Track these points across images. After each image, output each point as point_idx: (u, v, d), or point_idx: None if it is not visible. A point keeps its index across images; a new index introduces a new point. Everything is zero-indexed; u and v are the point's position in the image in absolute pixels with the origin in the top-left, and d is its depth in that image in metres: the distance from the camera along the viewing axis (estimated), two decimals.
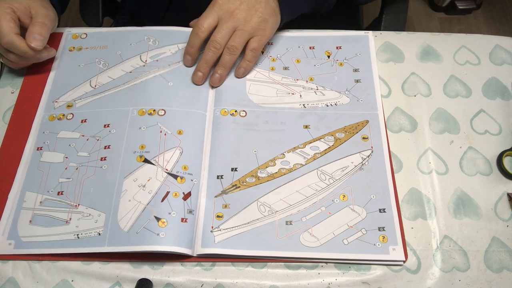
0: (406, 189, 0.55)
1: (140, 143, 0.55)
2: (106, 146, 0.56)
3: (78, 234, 0.50)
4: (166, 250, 0.49)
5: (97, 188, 0.53)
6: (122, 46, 0.64)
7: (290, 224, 0.52)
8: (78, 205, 0.52)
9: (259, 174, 0.55)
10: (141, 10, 0.86)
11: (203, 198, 0.53)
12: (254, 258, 0.50)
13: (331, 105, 0.60)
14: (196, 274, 0.50)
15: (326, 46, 0.65)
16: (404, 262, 0.50)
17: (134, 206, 0.51)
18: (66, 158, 0.55)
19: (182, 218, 0.51)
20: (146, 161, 0.54)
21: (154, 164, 0.54)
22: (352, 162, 0.56)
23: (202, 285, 0.50)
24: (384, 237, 0.51)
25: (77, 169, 0.55)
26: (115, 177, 0.53)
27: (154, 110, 0.58)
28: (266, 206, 0.53)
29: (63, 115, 0.59)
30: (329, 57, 0.64)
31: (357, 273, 0.50)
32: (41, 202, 0.53)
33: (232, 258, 0.51)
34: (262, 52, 0.64)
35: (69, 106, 0.60)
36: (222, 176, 0.55)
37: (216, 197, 0.53)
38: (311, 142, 0.57)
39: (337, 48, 0.65)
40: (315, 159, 0.56)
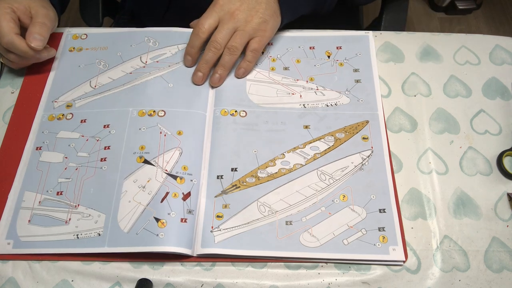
0: (406, 189, 0.55)
1: (140, 144, 0.55)
2: (106, 147, 0.56)
3: (77, 235, 0.50)
4: (166, 251, 0.49)
5: (97, 188, 0.53)
6: (122, 47, 0.64)
7: (290, 224, 0.52)
8: (78, 205, 0.52)
9: (259, 174, 0.55)
10: (141, 10, 0.86)
11: (203, 198, 0.53)
12: (254, 258, 0.50)
13: (331, 105, 0.60)
14: (196, 274, 0.50)
15: (326, 46, 0.65)
16: (404, 262, 0.50)
17: (134, 207, 0.51)
18: (66, 158, 0.55)
19: (182, 218, 0.51)
20: (146, 161, 0.54)
21: (153, 165, 0.54)
22: (352, 162, 0.56)
23: (202, 285, 0.50)
24: (384, 237, 0.51)
25: (76, 169, 0.55)
26: (115, 177, 0.53)
27: (154, 111, 0.58)
28: (266, 206, 0.53)
29: (63, 115, 0.59)
30: (329, 57, 0.64)
31: (357, 273, 0.50)
32: (40, 202, 0.53)
33: (232, 258, 0.51)
34: (262, 52, 0.64)
35: (68, 106, 0.60)
36: (222, 176, 0.54)
37: (216, 197, 0.53)
38: (311, 142, 0.57)
39: (337, 48, 0.65)
40: (315, 159, 0.56)
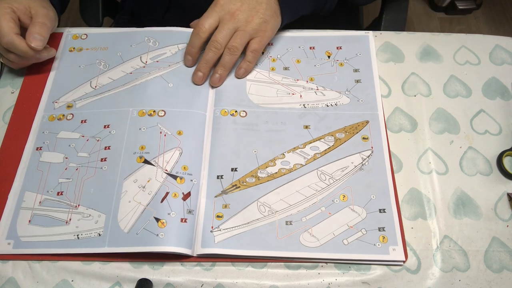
0: (406, 189, 0.55)
1: (140, 144, 0.55)
2: (106, 147, 0.56)
3: (78, 235, 0.50)
4: (165, 251, 0.49)
5: (97, 189, 0.53)
6: (122, 47, 0.64)
7: (290, 224, 0.52)
8: (78, 205, 0.52)
9: (259, 174, 0.55)
10: (141, 10, 0.86)
11: (203, 198, 0.53)
12: (254, 258, 0.50)
13: (331, 105, 0.60)
14: (196, 274, 0.50)
15: (326, 46, 0.65)
16: (404, 262, 0.50)
17: (134, 207, 0.51)
18: (66, 158, 0.55)
19: (182, 218, 0.51)
20: (146, 162, 0.54)
21: (154, 165, 0.54)
22: (352, 162, 0.56)
23: (202, 285, 0.50)
24: (384, 237, 0.51)
25: (77, 169, 0.55)
26: (115, 178, 0.53)
27: (154, 111, 0.58)
28: (266, 206, 0.53)
29: (63, 115, 0.59)
30: (329, 57, 0.64)
31: (357, 273, 0.50)
32: (40, 202, 0.53)
33: (232, 258, 0.51)
34: (263, 52, 0.64)
35: (69, 106, 0.60)
36: (222, 176, 0.55)
37: (216, 197, 0.53)
38: (311, 142, 0.57)
39: (337, 48, 0.65)
40: (315, 159, 0.56)
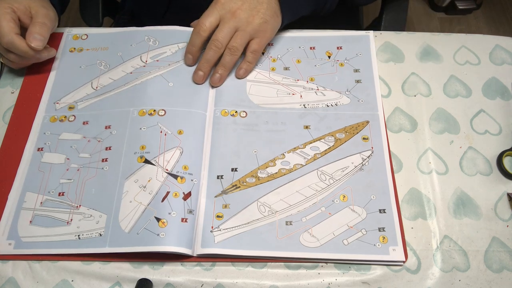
0: (406, 189, 0.55)
1: (140, 144, 0.55)
2: (107, 147, 0.56)
3: (79, 235, 0.51)
4: (166, 250, 0.49)
5: (98, 189, 0.53)
6: (122, 47, 0.64)
7: (290, 224, 0.52)
8: (79, 206, 0.52)
9: (259, 174, 0.55)
10: (141, 10, 0.86)
11: (203, 198, 0.53)
12: (254, 258, 0.50)
13: (332, 105, 0.60)
14: (196, 274, 0.50)
15: (327, 46, 0.65)
16: (404, 262, 0.51)
17: (135, 207, 0.51)
18: (68, 159, 0.56)
19: (182, 218, 0.51)
20: (147, 161, 0.54)
21: (154, 164, 0.54)
22: (352, 163, 0.56)
23: (202, 285, 0.50)
24: (384, 237, 0.51)
25: (78, 170, 0.55)
26: (116, 178, 0.53)
27: (154, 110, 0.58)
28: (266, 206, 0.53)
29: (65, 117, 0.59)
30: (329, 57, 0.64)
31: (357, 273, 0.50)
32: (41, 203, 0.53)
33: (232, 258, 0.51)
34: (263, 53, 0.64)
35: (70, 107, 0.60)
36: (222, 176, 0.55)
37: (216, 197, 0.53)
38: (311, 143, 0.57)
39: (337, 48, 0.65)
40: (315, 160, 0.56)
